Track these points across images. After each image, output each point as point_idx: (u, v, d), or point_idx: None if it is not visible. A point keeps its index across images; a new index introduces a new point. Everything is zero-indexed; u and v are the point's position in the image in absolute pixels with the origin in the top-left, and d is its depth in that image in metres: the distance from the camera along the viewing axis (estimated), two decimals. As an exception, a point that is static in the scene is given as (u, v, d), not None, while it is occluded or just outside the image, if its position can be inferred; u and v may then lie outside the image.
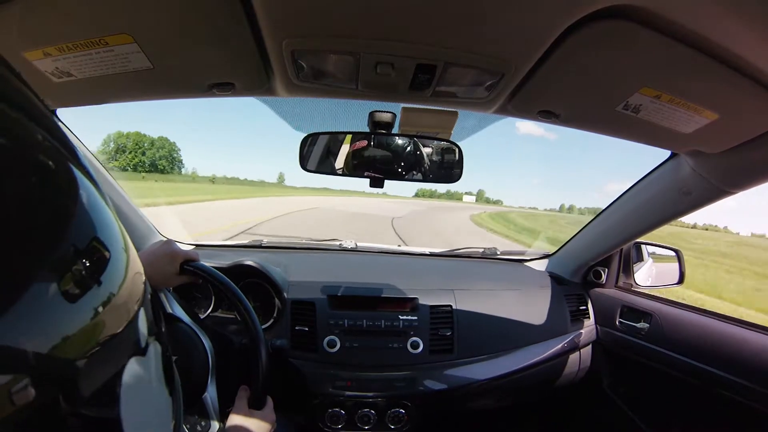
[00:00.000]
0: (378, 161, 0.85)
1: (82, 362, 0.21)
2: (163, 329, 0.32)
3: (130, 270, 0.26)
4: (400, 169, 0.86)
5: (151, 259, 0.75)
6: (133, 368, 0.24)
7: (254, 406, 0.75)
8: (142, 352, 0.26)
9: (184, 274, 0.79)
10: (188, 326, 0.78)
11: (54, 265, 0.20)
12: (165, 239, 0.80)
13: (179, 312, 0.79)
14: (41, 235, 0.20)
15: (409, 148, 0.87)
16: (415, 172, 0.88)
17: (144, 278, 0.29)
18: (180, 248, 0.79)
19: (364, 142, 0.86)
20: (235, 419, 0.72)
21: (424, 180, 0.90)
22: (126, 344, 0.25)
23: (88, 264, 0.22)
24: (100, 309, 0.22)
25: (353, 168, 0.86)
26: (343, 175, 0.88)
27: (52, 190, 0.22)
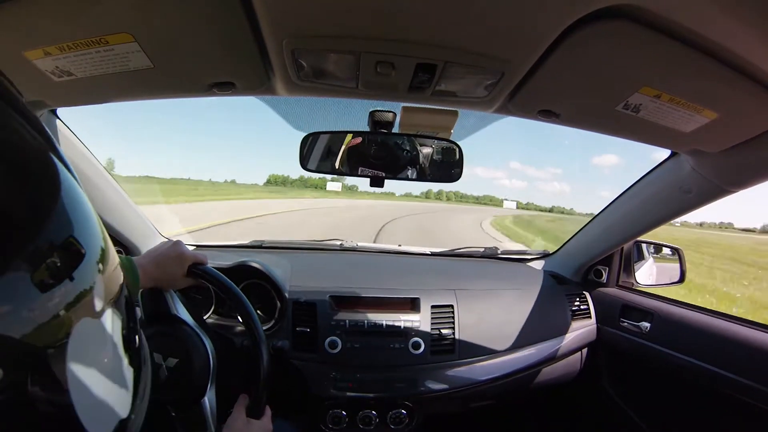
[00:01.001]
0: (378, 160, 0.85)
1: (51, 351, 0.21)
2: (138, 329, 0.33)
3: (106, 271, 0.27)
4: (400, 169, 0.86)
5: (159, 260, 0.74)
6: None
7: (252, 415, 0.75)
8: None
9: (191, 277, 0.79)
10: (191, 328, 0.78)
11: (29, 255, 0.21)
12: (174, 240, 0.80)
13: (183, 314, 0.79)
14: (18, 227, 0.21)
15: (409, 148, 0.87)
16: (415, 172, 0.88)
17: (121, 281, 0.30)
18: (189, 250, 0.78)
19: (366, 142, 0.86)
20: (231, 427, 0.71)
21: (425, 179, 0.90)
22: (97, 336, 0.25)
23: (62, 259, 0.22)
24: (72, 303, 0.23)
25: (353, 167, 0.86)
26: (342, 174, 0.88)
27: (31, 188, 0.23)
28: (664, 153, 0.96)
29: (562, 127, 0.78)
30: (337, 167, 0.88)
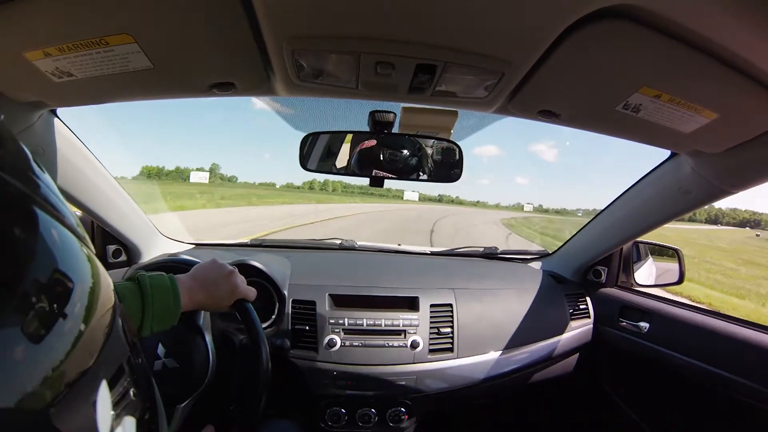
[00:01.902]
0: (378, 161, 0.85)
1: (53, 410, 0.19)
2: (137, 352, 0.30)
3: (99, 298, 0.24)
4: (399, 169, 0.86)
5: (210, 288, 0.71)
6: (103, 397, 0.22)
7: None
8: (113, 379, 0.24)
9: (233, 309, 0.76)
10: (205, 344, 0.77)
11: (15, 306, 0.18)
12: (229, 269, 0.75)
13: (205, 328, 0.79)
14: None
15: (408, 148, 0.87)
16: (414, 172, 0.88)
17: (114, 300, 0.27)
18: (241, 284, 0.75)
19: (366, 142, 0.86)
20: None
21: (425, 180, 0.90)
22: (98, 379, 0.23)
23: (50, 298, 0.20)
24: (68, 345, 0.20)
25: (353, 167, 0.86)
26: (343, 174, 0.88)
27: (6, 225, 0.20)
28: (663, 154, 0.96)
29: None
30: (337, 167, 0.88)
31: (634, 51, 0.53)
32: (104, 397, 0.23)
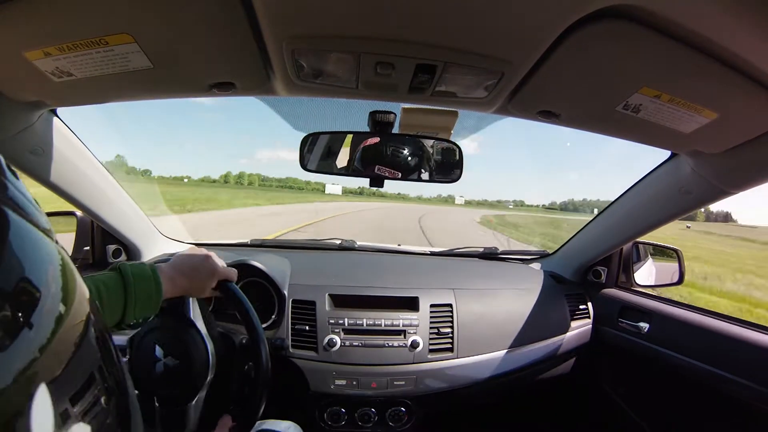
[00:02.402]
0: (378, 161, 0.85)
1: (17, 420, 0.19)
2: (111, 358, 0.29)
3: (72, 306, 0.24)
4: (400, 169, 0.86)
5: (190, 273, 0.74)
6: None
7: None
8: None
9: (218, 290, 0.79)
10: (200, 335, 0.78)
11: None
12: (205, 253, 0.78)
13: (197, 319, 0.79)
14: None
15: (408, 148, 0.87)
16: (414, 172, 0.88)
17: (87, 308, 0.27)
18: (221, 266, 0.78)
19: (366, 142, 0.86)
20: None
21: (425, 180, 0.90)
22: (67, 388, 0.22)
23: (16, 307, 0.20)
24: (36, 354, 0.20)
25: (353, 167, 0.86)
26: (343, 174, 0.88)
27: None
28: (663, 154, 0.96)
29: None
30: (337, 167, 0.88)
31: (634, 51, 0.53)
32: (72, 405, 0.22)
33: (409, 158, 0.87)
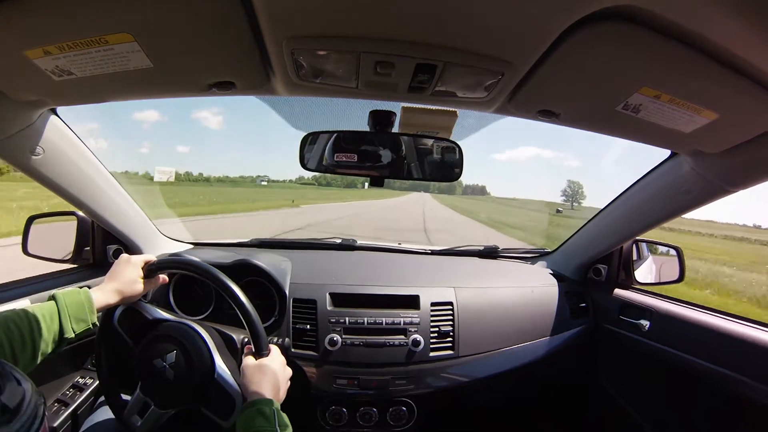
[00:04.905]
0: (378, 160, 0.85)
1: None
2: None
3: None
4: (400, 168, 0.86)
5: (112, 274, 0.81)
6: None
7: (260, 356, 0.79)
8: None
9: (151, 276, 0.84)
10: (175, 322, 0.82)
11: None
12: (126, 257, 0.85)
13: (162, 314, 0.85)
14: None
15: (409, 148, 0.87)
16: (415, 171, 0.88)
17: None
18: (136, 256, 0.84)
19: (366, 141, 0.86)
20: (246, 375, 0.75)
21: (425, 179, 0.90)
22: None
23: None
24: None
25: (353, 167, 0.86)
26: (343, 174, 0.88)
27: None
28: (663, 153, 0.96)
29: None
30: (337, 167, 0.88)
31: (634, 52, 0.53)
32: None
33: (409, 157, 0.87)
